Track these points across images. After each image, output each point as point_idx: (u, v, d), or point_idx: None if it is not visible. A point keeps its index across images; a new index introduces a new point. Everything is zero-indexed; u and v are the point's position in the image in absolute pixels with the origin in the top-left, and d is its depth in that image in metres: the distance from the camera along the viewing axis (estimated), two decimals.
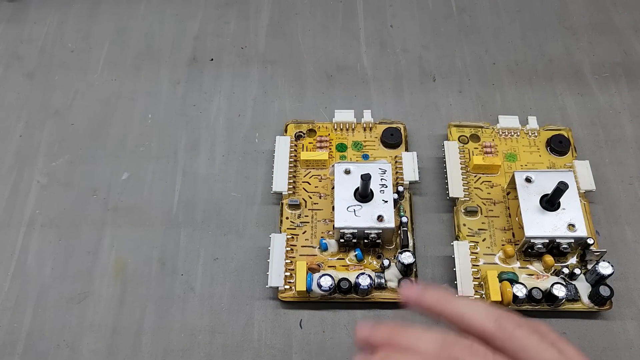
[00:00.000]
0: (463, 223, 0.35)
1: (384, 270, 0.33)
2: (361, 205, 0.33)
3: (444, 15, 0.45)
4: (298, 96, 0.41)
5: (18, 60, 0.43)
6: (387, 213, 0.32)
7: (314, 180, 0.36)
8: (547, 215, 0.32)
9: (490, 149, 0.37)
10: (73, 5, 0.46)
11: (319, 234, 0.34)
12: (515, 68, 0.42)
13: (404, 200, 0.36)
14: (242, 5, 0.46)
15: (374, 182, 0.33)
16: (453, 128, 0.38)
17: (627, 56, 0.43)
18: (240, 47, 0.44)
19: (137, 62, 0.43)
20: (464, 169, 0.36)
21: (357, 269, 0.33)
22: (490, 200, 0.35)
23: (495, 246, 0.34)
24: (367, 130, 0.38)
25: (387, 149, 0.38)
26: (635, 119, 0.40)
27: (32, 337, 0.32)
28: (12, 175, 0.38)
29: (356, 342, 0.24)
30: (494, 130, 0.38)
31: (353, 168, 0.34)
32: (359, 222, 0.32)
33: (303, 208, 0.35)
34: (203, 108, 0.41)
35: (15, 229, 0.36)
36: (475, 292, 0.32)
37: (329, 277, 0.32)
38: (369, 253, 0.34)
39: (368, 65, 0.43)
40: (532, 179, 0.33)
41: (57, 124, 0.40)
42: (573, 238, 0.32)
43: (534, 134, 0.38)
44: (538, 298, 0.31)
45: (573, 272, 0.32)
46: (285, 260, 0.33)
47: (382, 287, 0.32)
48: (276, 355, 0.32)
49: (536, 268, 0.33)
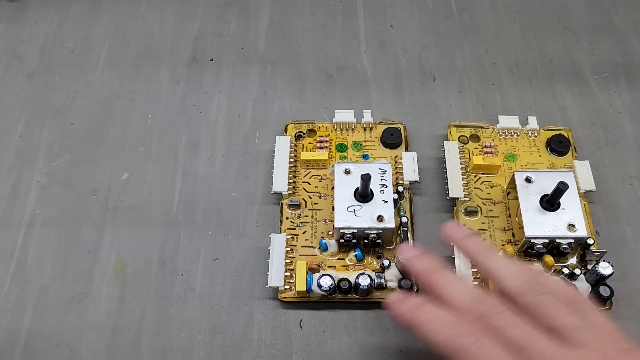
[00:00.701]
0: (463, 223, 0.35)
1: (384, 271, 0.33)
2: (361, 206, 0.33)
3: (444, 15, 0.45)
4: (298, 96, 0.41)
5: (18, 60, 0.43)
6: (387, 213, 0.32)
7: (314, 180, 0.36)
8: (547, 215, 0.32)
9: (490, 149, 0.37)
10: (73, 5, 0.46)
11: (319, 234, 0.34)
12: (515, 68, 0.42)
13: (404, 200, 0.35)
14: (242, 5, 0.46)
15: (374, 182, 0.33)
16: (453, 128, 0.38)
17: (627, 56, 0.43)
18: (240, 47, 0.44)
19: (137, 62, 0.43)
20: (464, 169, 0.36)
21: (357, 269, 0.33)
22: (490, 201, 0.35)
23: (495, 246, 0.34)
24: (367, 130, 0.38)
25: (387, 149, 0.38)
26: (635, 119, 0.40)
27: (32, 337, 0.32)
28: (12, 175, 0.38)
29: (398, 258, 0.29)
30: (493, 131, 0.38)
31: (353, 168, 0.34)
32: (359, 222, 0.32)
33: (303, 208, 0.35)
34: (203, 108, 0.41)
35: (15, 229, 0.36)
36: None
37: (329, 277, 0.32)
38: (369, 253, 0.34)
39: (368, 65, 0.43)
40: (532, 179, 0.33)
41: (57, 124, 0.40)
42: (573, 238, 0.32)
43: (534, 134, 0.38)
44: None
45: (573, 272, 0.32)
46: (285, 261, 0.33)
47: (382, 287, 0.32)
48: (276, 355, 0.32)
49: (537, 268, 0.33)
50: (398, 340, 0.32)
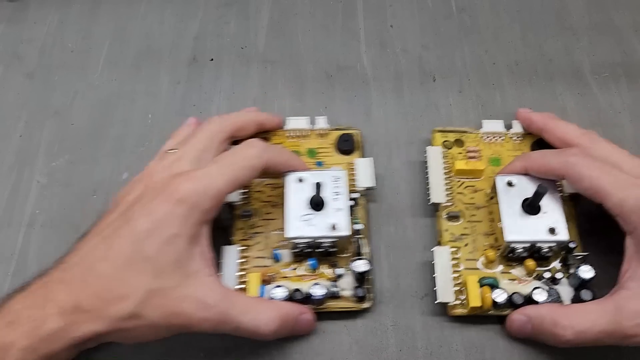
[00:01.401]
0: (445, 228, 0.34)
1: (338, 279, 0.32)
2: (315, 214, 0.32)
3: (444, 15, 0.45)
4: (298, 96, 0.41)
5: (18, 60, 0.43)
6: (341, 221, 0.32)
7: (268, 189, 0.36)
8: (528, 219, 0.32)
9: (474, 154, 0.37)
10: (73, 5, 0.46)
11: (272, 244, 0.34)
12: (515, 68, 0.42)
13: (359, 207, 0.35)
14: (242, 5, 0.46)
15: (327, 189, 0.32)
16: (437, 134, 0.38)
17: (627, 56, 0.43)
18: (240, 47, 0.44)
19: (137, 62, 0.43)
20: (447, 174, 0.36)
21: (312, 279, 0.32)
22: (473, 205, 0.35)
23: (478, 251, 0.33)
24: (321, 136, 0.38)
25: (343, 155, 0.37)
26: (635, 119, 0.40)
27: None
28: (12, 175, 0.38)
29: (518, 117, 0.38)
30: (477, 135, 0.38)
31: (306, 176, 0.33)
32: (312, 231, 0.31)
33: (256, 218, 0.35)
34: (203, 108, 0.41)
35: (15, 229, 0.36)
36: (456, 298, 0.32)
37: (282, 288, 0.31)
38: (324, 262, 0.33)
39: (368, 65, 0.43)
40: (514, 183, 0.33)
41: (57, 124, 0.40)
42: (554, 242, 0.31)
43: (519, 137, 0.38)
44: (519, 303, 0.31)
45: (554, 277, 0.32)
46: (239, 272, 0.32)
47: (336, 296, 0.32)
48: (276, 355, 0.32)
49: (519, 272, 0.33)
50: (398, 340, 0.32)
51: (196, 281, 0.28)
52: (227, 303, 0.28)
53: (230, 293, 0.29)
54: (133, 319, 0.27)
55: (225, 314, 0.28)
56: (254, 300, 0.30)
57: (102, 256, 0.27)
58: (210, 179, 0.29)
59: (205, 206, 0.28)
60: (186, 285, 0.27)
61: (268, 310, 0.29)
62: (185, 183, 0.28)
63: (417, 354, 0.32)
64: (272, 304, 0.30)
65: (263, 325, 0.28)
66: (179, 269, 0.27)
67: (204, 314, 0.27)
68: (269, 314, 0.29)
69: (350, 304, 0.32)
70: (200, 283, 0.28)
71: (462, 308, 0.32)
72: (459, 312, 0.32)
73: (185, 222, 0.28)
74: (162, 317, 0.27)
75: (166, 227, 0.27)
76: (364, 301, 0.32)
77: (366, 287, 0.32)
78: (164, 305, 0.27)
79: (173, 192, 0.28)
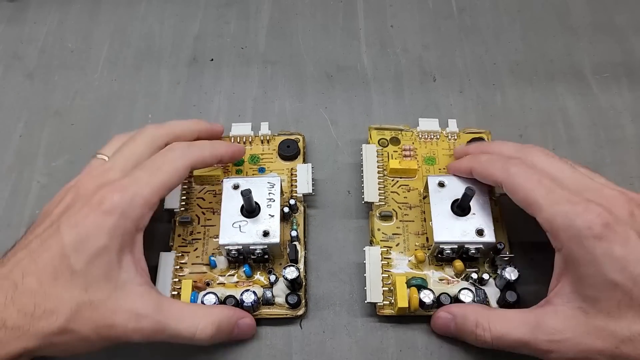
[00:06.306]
0: (377, 228, 0.34)
1: (272, 286, 0.32)
2: (247, 221, 0.32)
3: (444, 15, 0.45)
4: (298, 96, 0.41)
5: (18, 60, 0.43)
6: (272, 228, 0.32)
7: (209, 196, 0.35)
8: (458, 220, 0.32)
9: (409, 152, 0.37)
10: (73, 5, 0.46)
11: (210, 251, 0.34)
12: (515, 68, 0.42)
13: (298, 213, 0.35)
14: (242, 5, 0.46)
15: (261, 196, 0.32)
16: (374, 131, 0.37)
17: (628, 56, 0.43)
18: (240, 47, 0.44)
19: (137, 62, 0.43)
20: (381, 173, 0.35)
21: (246, 286, 0.32)
22: (406, 205, 0.35)
23: (409, 251, 0.33)
24: (264, 142, 0.38)
25: (285, 161, 0.37)
26: (636, 119, 0.40)
27: None
28: (12, 175, 0.38)
29: (455, 154, 0.36)
30: (413, 133, 0.38)
31: (242, 183, 0.33)
32: (243, 238, 0.31)
33: (195, 225, 0.34)
34: (203, 108, 0.41)
35: (15, 229, 0.36)
36: (385, 297, 0.32)
37: (213, 295, 0.31)
38: (260, 268, 0.33)
39: (368, 65, 0.43)
40: (445, 184, 0.33)
41: (57, 124, 0.40)
42: (482, 243, 0.31)
43: (454, 137, 0.37)
44: (446, 303, 0.31)
45: (482, 277, 0.32)
46: (174, 279, 0.32)
47: (270, 302, 0.32)
48: (276, 355, 0.31)
49: (448, 273, 0.33)
50: (398, 340, 0.32)
51: (127, 292, 0.27)
52: (160, 312, 0.27)
53: (164, 301, 0.28)
54: (63, 334, 0.26)
55: (158, 322, 0.27)
56: (189, 307, 0.30)
57: (28, 270, 0.26)
58: (137, 187, 0.28)
59: (134, 215, 0.28)
60: (117, 297, 0.27)
61: (203, 316, 0.29)
62: (113, 193, 0.28)
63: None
64: (208, 310, 0.30)
65: (199, 331, 0.28)
66: (109, 280, 0.27)
67: (136, 324, 0.27)
68: (204, 319, 0.28)
69: (283, 310, 0.32)
70: (131, 293, 0.27)
71: (390, 308, 0.32)
72: (387, 312, 0.32)
73: (113, 232, 0.27)
74: (94, 330, 0.26)
75: (94, 239, 0.27)
76: (298, 308, 0.32)
77: (299, 294, 0.32)
78: (94, 318, 0.26)
79: (101, 203, 0.27)
